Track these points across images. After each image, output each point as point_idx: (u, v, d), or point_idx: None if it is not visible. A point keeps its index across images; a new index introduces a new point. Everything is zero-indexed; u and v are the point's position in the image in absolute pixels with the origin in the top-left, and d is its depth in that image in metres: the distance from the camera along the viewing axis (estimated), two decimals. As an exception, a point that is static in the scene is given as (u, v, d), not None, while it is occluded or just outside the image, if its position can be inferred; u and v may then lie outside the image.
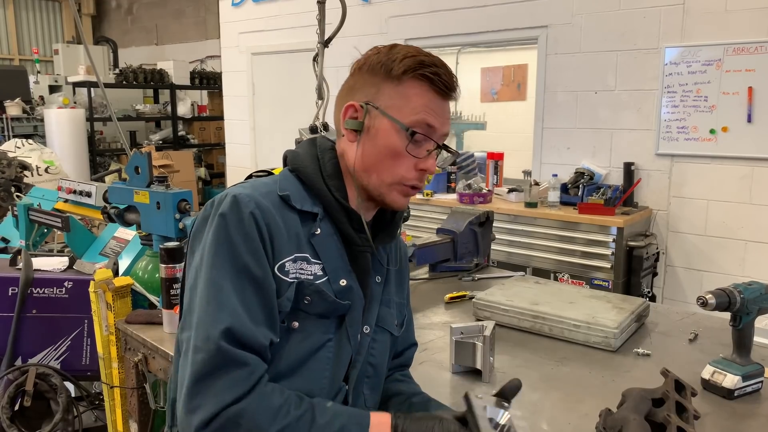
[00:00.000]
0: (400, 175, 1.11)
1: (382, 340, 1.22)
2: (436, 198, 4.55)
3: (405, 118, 1.08)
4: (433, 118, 1.09)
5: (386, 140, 1.09)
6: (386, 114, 1.09)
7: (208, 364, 0.95)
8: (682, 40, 3.95)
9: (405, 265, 1.35)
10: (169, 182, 2.18)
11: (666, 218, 4.14)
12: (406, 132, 1.08)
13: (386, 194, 1.12)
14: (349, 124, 1.12)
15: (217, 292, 0.99)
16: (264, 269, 1.02)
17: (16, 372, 2.23)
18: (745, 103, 3.74)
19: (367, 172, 1.12)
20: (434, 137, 1.11)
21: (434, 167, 1.12)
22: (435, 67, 1.08)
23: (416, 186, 1.13)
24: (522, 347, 1.76)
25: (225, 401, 0.93)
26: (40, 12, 11.76)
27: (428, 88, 1.09)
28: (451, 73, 1.10)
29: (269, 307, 1.02)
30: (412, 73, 1.08)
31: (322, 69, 2.35)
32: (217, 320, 0.97)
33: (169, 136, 9.02)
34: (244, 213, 1.02)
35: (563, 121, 4.55)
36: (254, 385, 0.96)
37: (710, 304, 1.42)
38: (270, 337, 1.01)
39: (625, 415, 1.15)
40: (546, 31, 4.54)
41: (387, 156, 1.10)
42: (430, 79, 1.08)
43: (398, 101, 1.09)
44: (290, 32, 6.19)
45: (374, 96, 1.10)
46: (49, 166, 5.53)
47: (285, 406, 0.97)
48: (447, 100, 1.11)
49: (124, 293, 2.00)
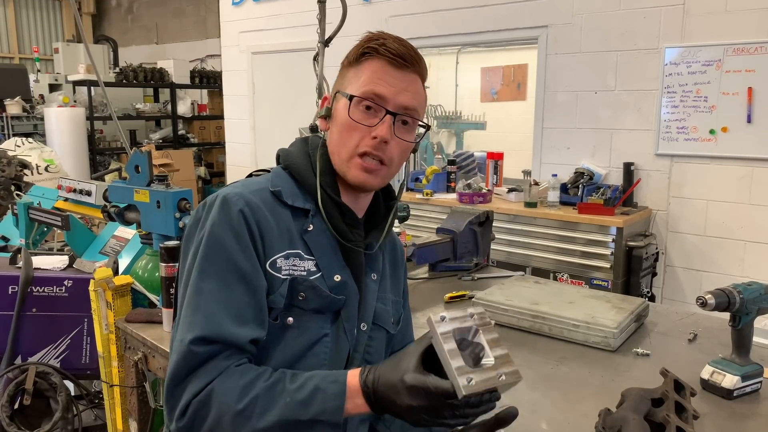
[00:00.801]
0: (354, 145, 1.11)
1: (379, 338, 1.22)
2: (436, 197, 4.55)
3: (355, 91, 1.11)
4: (382, 87, 1.09)
5: (341, 116, 1.12)
6: (343, 93, 1.12)
7: (180, 365, 0.98)
8: (682, 41, 3.95)
9: (401, 263, 1.36)
10: (169, 181, 2.18)
11: (665, 218, 4.15)
12: (358, 103, 1.10)
13: (347, 171, 1.12)
14: (321, 113, 1.17)
15: (196, 295, 1.02)
16: (254, 267, 1.03)
17: (15, 370, 2.23)
18: (744, 104, 3.74)
19: (334, 154, 1.14)
20: (387, 105, 1.10)
21: (386, 133, 1.09)
22: (382, 39, 1.11)
23: (371, 154, 1.10)
24: (521, 347, 1.76)
25: (196, 390, 0.97)
26: (40, 11, 11.76)
27: (378, 61, 1.11)
28: (400, 42, 1.11)
29: (258, 304, 1.03)
30: (362, 51, 1.12)
31: (322, 68, 2.35)
32: (191, 323, 1.00)
33: (169, 135, 9.01)
34: (233, 211, 1.04)
35: (563, 121, 4.55)
36: (225, 368, 0.98)
37: (710, 304, 1.42)
38: (255, 334, 1.02)
39: (624, 414, 1.15)
40: (546, 31, 4.54)
41: (343, 130, 1.12)
42: (376, 50, 1.10)
43: (354, 80, 1.12)
44: (290, 31, 6.19)
45: (340, 84, 1.15)
46: (48, 165, 5.54)
47: (254, 381, 0.97)
48: (402, 69, 1.11)
49: (124, 292, 2.00)
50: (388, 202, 1.26)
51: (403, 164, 1.20)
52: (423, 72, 1.15)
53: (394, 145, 1.11)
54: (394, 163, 1.14)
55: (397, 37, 1.12)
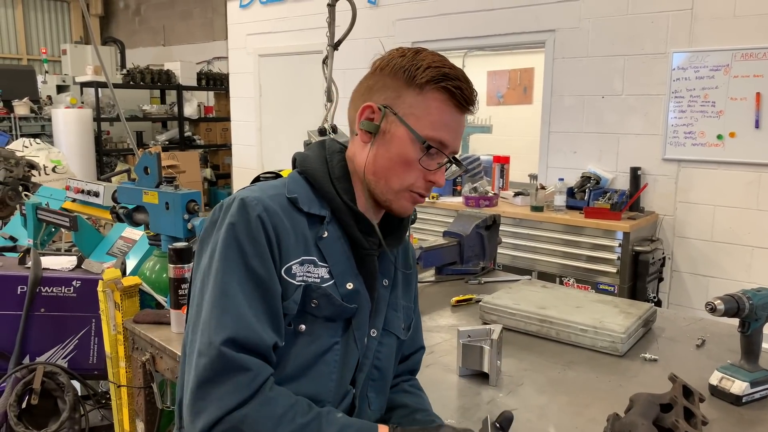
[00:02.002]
0: (409, 183, 1.11)
1: (389, 344, 1.22)
2: (442, 201, 4.56)
3: (423, 130, 1.07)
4: (448, 134, 1.09)
5: (401, 148, 1.09)
6: (404, 122, 1.08)
7: (210, 368, 0.95)
8: (690, 45, 3.95)
9: (413, 268, 1.35)
10: (177, 183, 2.19)
11: (672, 223, 4.14)
12: (422, 144, 1.08)
13: (393, 200, 1.12)
14: (364, 125, 1.11)
15: (222, 296, 1.00)
16: (270, 273, 1.02)
17: (23, 370, 2.24)
18: (752, 109, 3.73)
19: (376, 176, 1.11)
20: (446, 152, 1.11)
21: (443, 181, 1.13)
22: (458, 81, 1.07)
23: (423, 195, 1.14)
24: (529, 351, 1.76)
25: (228, 406, 0.94)
26: (48, 12, 11.82)
27: (449, 102, 1.08)
28: (472, 89, 1.10)
29: (274, 310, 1.03)
30: (435, 84, 1.07)
31: (331, 71, 2.36)
32: (220, 325, 0.97)
33: (176, 137, 9.05)
34: (252, 216, 1.02)
35: (570, 125, 4.55)
36: (258, 389, 0.96)
37: (719, 309, 1.42)
38: (275, 340, 1.01)
39: (633, 419, 1.15)
40: (553, 35, 4.54)
41: (399, 163, 1.09)
42: (452, 92, 1.07)
43: (418, 111, 1.08)
44: (297, 34, 6.20)
45: (393, 100, 1.09)
46: (56, 166, 5.56)
47: (290, 413, 0.96)
48: (464, 114, 1.11)
49: (133, 293, 2.01)
50: None
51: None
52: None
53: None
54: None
55: (465, 75, 1.09)
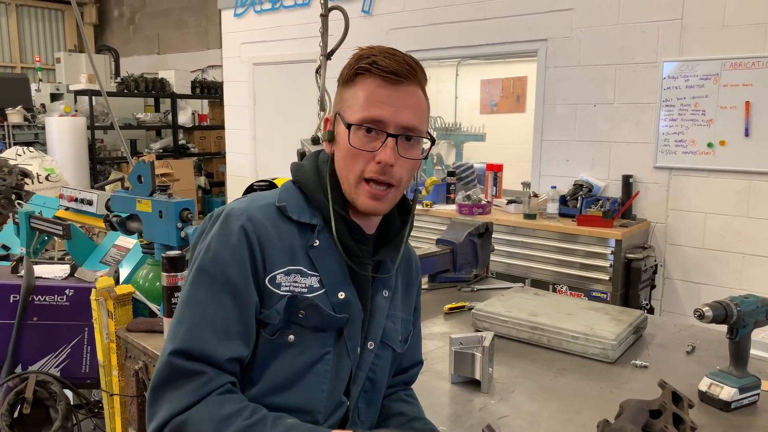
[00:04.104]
0: (359, 170, 1.07)
1: (385, 356, 1.20)
2: (436, 209, 4.57)
3: (354, 115, 1.07)
4: (379, 110, 1.05)
5: (344, 141, 1.08)
6: (341, 116, 1.10)
7: (161, 375, 1.00)
8: (680, 55, 3.99)
9: (415, 280, 1.32)
10: (171, 191, 2.19)
11: (664, 231, 4.16)
12: (357, 128, 1.07)
13: (355, 197, 1.09)
14: (324, 137, 1.15)
15: (184, 305, 1.04)
16: (247, 282, 1.03)
17: (15, 379, 2.23)
18: (742, 117, 3.77)
19: (342, 179, 1.11)
20: (388, 128, 1.06)
21: (389, 157, 1.05)
22: (373, 56, 1.06)
23: (378, 181, 1.07)
24: (521, 358, 1.77)
25: (175, 409, 0.97)
26: (42, 21, 11.83)
27: (373, 81, 1.06)
28: (392, 55, 1.06)
29: (245, 321, 1.03)
30: (356, 71, 1.07)
31: (324, 81, 2.37)
32: (174, 335, 1.01)
33: (170, 145, 9.04)
34: (234, 226, 1.04)
35: (562, 133, 4.58)
36: (206, 394, 0.98)
37: (707, 316, 1.43)
38: (238, 352, 1.02)
39: (622, 426, 1.16)
40: (546, 44, 4.58)
41: (347, 156, 1.09)
42: (368, 69, 1.06)
43: (350, 101, 1.09)
44: (291, 43, 6.23)
45: (340, 105, 1.11)
46: (49, 174, 5.56)
47: (234, 416, 0.96)
48: (398, 85, 1.06)
49: (126, 301, 2.01)
50: (404, 216, 1.21)
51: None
52: (421, 80, 1.09)
53: (400, 165, 1.07)
54: (403, 183, 1.11)
55: (389, 49, 1.07)
